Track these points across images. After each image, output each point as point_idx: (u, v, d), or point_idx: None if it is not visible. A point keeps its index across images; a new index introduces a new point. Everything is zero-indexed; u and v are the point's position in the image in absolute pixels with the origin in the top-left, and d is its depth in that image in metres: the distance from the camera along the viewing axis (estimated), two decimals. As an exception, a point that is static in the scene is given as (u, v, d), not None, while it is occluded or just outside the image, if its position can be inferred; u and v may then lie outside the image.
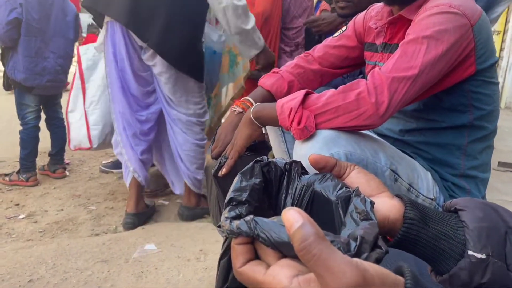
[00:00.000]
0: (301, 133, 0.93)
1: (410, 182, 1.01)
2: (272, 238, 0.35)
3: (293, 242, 0.32)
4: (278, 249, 0.35)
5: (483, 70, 1.00)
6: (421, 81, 0.92)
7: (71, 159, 3.36)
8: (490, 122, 1.08)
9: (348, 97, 0.92)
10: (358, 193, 0.43)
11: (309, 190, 0.48)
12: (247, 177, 0.46)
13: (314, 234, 0.32)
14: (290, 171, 0.49)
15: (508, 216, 0.47)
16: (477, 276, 0.44)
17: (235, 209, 0.43)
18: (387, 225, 0.47)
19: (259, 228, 0.36)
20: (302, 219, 0.32)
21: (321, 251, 0.31)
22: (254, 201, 0.45)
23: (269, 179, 0.49)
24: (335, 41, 1.31)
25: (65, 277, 1.66)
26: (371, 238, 0.36)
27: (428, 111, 1.09)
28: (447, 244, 0.46)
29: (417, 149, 1.14)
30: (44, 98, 2.89)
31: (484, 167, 1.12)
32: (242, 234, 0.37)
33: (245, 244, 0.37)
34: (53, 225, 2.24)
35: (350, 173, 0.51)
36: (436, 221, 0.47)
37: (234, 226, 0.37)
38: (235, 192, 0.44)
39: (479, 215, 0.46)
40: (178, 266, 1.74)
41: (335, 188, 0.46)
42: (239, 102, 1.22)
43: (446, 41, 0.91)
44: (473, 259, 0.44)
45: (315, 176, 0.49)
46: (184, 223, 2.26)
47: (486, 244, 0.44)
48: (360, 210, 0.41)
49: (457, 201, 0.49)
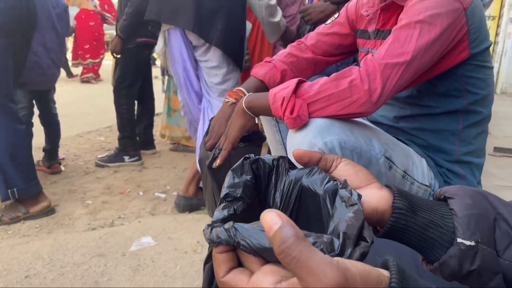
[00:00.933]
0: (294, 122, 0.92)
1: (405, 169, 1.01)
2: (253, 244, 0.34)
3: (273, 245, 0.31)
4: (260, 255, 0.35)
5: (476, 54, 0.99)
6: (414, 67, 0.91)
7: (66, 154, 3.35)
8: (485, 106, 1.07)
9: (341, 85, 0.91)
10: (345, 186, 0.43)
11: (297, 185, 0.48)
12: (238, 174, 0.46)
13: (293, 235, 0.31)
14: (278, 167, 0.49)
15: (498, 202, 0.47)
16: (467, 263, 0.43)
17: (231, 205, 0.43)
18: (376, 216, 0.47)
19: (239, 235, 0.35)
20: (281, 221, 0.31)
21: (301, 252, 0.30)
22: (247, 197, 0.45)
23: (258, 175, 0.48)
24: (328, 28, 1.30)
25: (62, 272, 1.65)
26: (354, 231, 0.36)
27: (422, 97, 1.08)
28: (436, 233, 0.46)
29: (412, 136, 1.13)
30: (36, 93, 2.86)
31: (478, 152, 1.11)
32: (222, 243, 0.36)
33: (227, 252, 0.36)
34: (49, 220, 2.23)
35: (337, 165, 0.50)
36: (425, 210, 0.47)
37: (214, 235, 0.36)
38: (230, 188, 0.45)
39: (468, 202, 0.45)
40: (175, 258, 1.74)
41: (323, 181, 0.46)
42: (232, 93, 1.21)
43: (439, 26, 0.90)
44: (462, 247, 0.43)
45: (302, 170, 0.49)
46: (181, 215, 2.25)
47: (475, 231, 0.43)
48: (346, 198, 0.40)
49: (446, 189, 0.49)
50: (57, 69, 2.90)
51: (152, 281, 1.59)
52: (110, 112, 3.29)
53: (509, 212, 0.46)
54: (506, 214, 0.45)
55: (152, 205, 2.42)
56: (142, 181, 2.81)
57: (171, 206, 2.39)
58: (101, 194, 2.59)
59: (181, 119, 3.31)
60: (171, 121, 3.37)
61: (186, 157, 3.32)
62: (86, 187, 2.71)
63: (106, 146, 3.66)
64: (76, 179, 2.86)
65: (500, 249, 0.44)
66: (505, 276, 0.44)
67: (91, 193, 2.61)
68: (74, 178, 2.87)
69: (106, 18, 7.05)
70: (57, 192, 2.62)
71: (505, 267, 0.43)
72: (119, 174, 2.95)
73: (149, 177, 2.89)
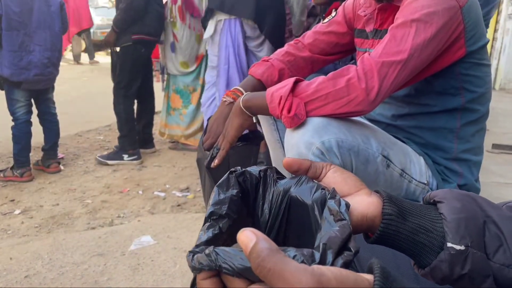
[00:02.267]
0: (292, 121, 0.92)
1: (403, 167, 1.01)
2: (234, 266, 0.34)
3: (250, 261, 0.32)
4: (243, 276, 0.34)
5: (473, 52, 0.99)
6: (411, 65, 0.91)
7: (66, 153, 3.35)
8: (482, 104, 1.07)
9: (338, 84, 0.91)
10: (334, 195, 0.42)
11: (285, 195, 0.47)
12: (224, 189, 0.46)
13: (267, 249, 0.31)
14: (265, 178, 0.49)
15: (486, 205, 0.47)
16: (458, 267, 0.43)
17: (216, 224, 0.43)
18: (365, 222, 0.47)
19: (221, 259, 0.35)
20: (256, 237, 0.32)
21: (275, 264, 0.30)
22: (233, 213, 0.44)
23: (245, 188, 0.48)
24: (325, 27, 1.30)
25: (61, 272, 1.66)
26: (338, 242, 0.36)
27: (419, 96, 1.08)
28: (427, 238, 0.46)
29: (410, 134, 1.13)
30: (34, 92, 2.85)
31: (476, 150, 1.11)
32: (205, 269, 0.36)
33: (210, 278, 0.36)
34: (48, 220, 2.23)
35: (326, 173, 0.50)
36: (415, 215, 0.47)
37: (196, 262, 0.36)
38: (215, 205, 0.44)
39: (456, 206, 0.45)
40: (174, 257, 1.75)
41: (311, 191, 0.46)
42: (230, 92, 1.21)
43: (435, 24, 0.90)
44: (452, 251, 0.43)
45: (291, 180, 0.48)
46: (180, 214, 2.26)
47: (464, 235, 0.44)
48: (334, 211, 0.40)
49: (435, 193, 0.49)
50: (55, 68, 2.90)
51: (151, 280, 1.60)
52: (109, 110, 3.29)
53: (498, 214, 0.46)
54: (495, 216, 0.45)
55: (151, 204, 2.42)
56: (141, 180, 2.81)
57: (170, 205, 2.39)
58: (101, 193, 2.59)
59: (180, 117, 3.31)
60: (170, 119, 3.37)
61: (186, 156, 3.33)
62: (86, 186, 2.72)
63: (105, 145, 3.66)
64: (75, 178, 2.87)
65: (490, 252, 0.44)
66: (495, 279, 0.44)
67: (91, 192, 2.61)
68: (73, 178, 2.88)
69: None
70: (56, 192, 2.63)
71: (495, 270, 0.43)
72: (118, 173, 2.95)
73: (149, 176, 2.90)
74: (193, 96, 3.27)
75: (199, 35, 3.12)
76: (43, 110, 2.98)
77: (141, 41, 3.03)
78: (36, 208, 2.40)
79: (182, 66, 3.20)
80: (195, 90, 3.26)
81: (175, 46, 3.16)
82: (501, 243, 0.44)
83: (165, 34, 3.20)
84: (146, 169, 3.04)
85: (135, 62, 3.10)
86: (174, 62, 3.21)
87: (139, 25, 2.97)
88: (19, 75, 2.67)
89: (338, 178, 0.50)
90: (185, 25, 3.08)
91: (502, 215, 0.46)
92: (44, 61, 2.76)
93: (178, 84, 3.28)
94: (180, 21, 3.08)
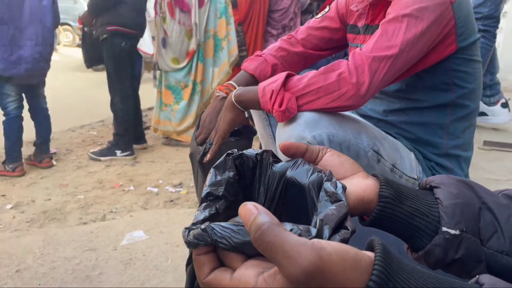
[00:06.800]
0: (283, 115, 0.92)
1: (393, 163, 1.02)
2: (232, 241, 0.34)
3: (250, 234, 0.32)
4: (240, 250, 0.35)
5: (464, 48, 0.99)
6: (402, 60, 0.92)
7: (59, 148, 3.33)
8: (472, 100, 1.08)
9: (329, 78, 0.91)
10: (330, 178, 0.42)
11: (281, 178, 0.47)
12: (221, 171, 0.46)
13: (268, 222, 0.31)
14: (261, 161, 0.49)
15: (483, 192, 0.47)
16: (451, 251, 0.44)
17: (212, 205, 0.43)
18: (361, 205, 0.47)
19: (217, 234, 0.35)
20: (257, 211, 0.32)
21: (275, 237, 0.30)
22: (230, 195, 0.44)
23: (241, 171, 0.48)
24: (318, 22, 1.30)
25: (53, 266, 1.65)
26: (334, 219, 0.36)
27: (410, 91, 1.09)
28: (422, 221, 0.46)
29: (401, 129, 1.14)
30: (25, 87, 2.83)
31: (466, 146, 1.12)
32: (200, 244, 0.36)
33: (207, 253, 0.36)
34: (40, 214, 2.22)
35: (323, 156, 0.50)
36: (411, 199, 0.47)
37: (191, 237, 0.36)
38: (212, 186, 0.44)
39: (453, 191, 0.46)
40: (166, 252, 1.75)
41: (307, 173, 0.46)
42: (222, 87, 1.21)
43: (426, 19, 0.91)
44: (447, 235, 0.44)
45: (287, 163, 0.48)
46: (172, 210, 2.26)
47: (459, 220, 0.44)
48: (331, 193, 0.40)
49: (432, 179, 0.49)
50: (46, 63, 2.87)
51: (143, 274, 1.60)
52: (103, 106, 3.28)
53: (494, 201, 0.46)
54: (491, 203, 0.46)
55: (144, 199, 2.42)
56: (134, 175, 2.80)
57: (163, 200, 2.39)
58: (93, 189, 2.58)
59: (172, 113, 3.30)
60: (162, 115, 3.35)
61: (179, 151, 3.32)
62: (78, 181, 2.70)
63: (98, 140, 3.64)
64: (68, 173, 2.85)
65: (484, 238, 0.44)
66: (488, 265, 0.44)
67: (83, 187, 2.60)
68: (66, 173, 2.86)
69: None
70: (48, 187, 2.61)
71: (488, 256, 0.44)
72: (111, 168, 2.94)
73: (142, 171, 2.89)
74: (184, 92, 3.25)
75: (189, 31, 3.09)
76: (34, 105, 2.95)
77: (118, 33, 2.99)
78: (28, 203, 2.39)
79: (173, 62, 3.18)
80: (187, 86, 3.24)
81: (166, 41, 3.14)
82: (496, 229, 0.44)
83: (156, 29, 3.18)
84: (139, 165, 3.03)
85: (116, 55, 3.05)
86: (165, 58, 3.18)
87: (114, 15, 2.93)
88: (10, 69, 2.64)
89: (335, 161, 0.50)
90: (174, 20, 3.05)
91: (498, 203, 0.46)
92: (36, 56, 2.73)
93: (170, 80, 3.26)
94: (169, 17, 3.05)
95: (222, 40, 3.19)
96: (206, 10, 3.08)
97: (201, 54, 3.18)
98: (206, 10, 3.08)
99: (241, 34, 3.21)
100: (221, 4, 3.11)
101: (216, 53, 3.24)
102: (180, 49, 3.12)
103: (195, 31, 3.07)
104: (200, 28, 3.09)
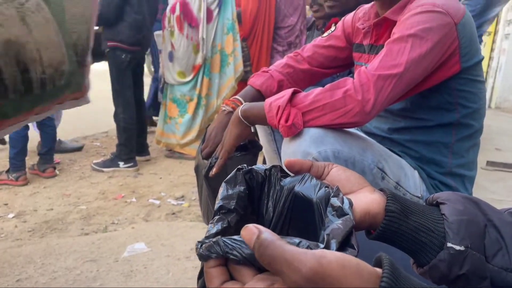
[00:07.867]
0: (289, 131, 0.93)
1: (397, 180, 1.02)
2: (242, 252, 0.35)
3: (255, 252, 0.33)
4: (250, 262, 0.35)
5: (468, 68, 1.01)
6: (407, 79, 0.93)
7: (62, 159, 3.34)
8: (477, 120, 1.09)
9: (335, 95, 0.92)
10: (337, 193, 0.43)
11: (290, 193, 0.48)
12: (232, 185, 0.47)
13: (269, 237, 0.32)
14: (270, 176, 0.49)
15: (488, 209, 0.48)
16: (456, 267, 0.44)
17: (225, 218, 0.43)
18: (368, 219, 0.47)
19: (228, 246, 0.36)
20: (258, 230, 0.33)
21: (276, 249, 0.31)
22: (241, 209, 0.45)
23: (251, 186, 0.49)
24: (324, 41, 1.32)
25: (53, 277, 1.65)
26: (341, 234, 0.36)
27: (415, 110, 1.10)
28: (428, 237, 0.46)
29: (405, 148, 1.15)
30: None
31: (470, 165, 1.13)
32: (212, 256, 0.37)
33: (218, 266, 0.37)
34: (42, 224, 2.22)
35: (329, 172, 0.51)
36: (417, 214, 0.48)
37: (204, 249, 0.37)
38: (224, 200, 0.45)
39: (459, 208, 0.46)
40: (167, 265, 1.74)
41: (315, 188, 0.46)
42: (229, 102, 1.22)
43: (431, 39, 0.92)
44: (452, 251, 0.44)
45: (295, 178, 0.49)
46: (174, 222, 2.25)
47: (464, 236, 0.44)
48: (337, 207, 0.41)
49: (439, 195, 0.50)
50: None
51: (144, 287, 1.59)
52: (107, 116, 3.30)
53: (500, 219, 0.47)
54: (496, 221, 0.46)
55: (146, 211, 2.42)
56: (137, 187, 2.81)
57: (165, 213, 2.39)
58: (95, 199, 2.58)
59: (176, 126, 3.32)
60: (166, 128, 3.37)
61: (182, 164, 3.33)
62: (81, 192, 2.71)
63: (102, 151, 3.65)
64: (71, 183, 2.86)
65: (489, 255, 0.45)
66: (493, 282, 0.45)
67: (85, 198, 2.60)
68: (68, 183, 2.87)
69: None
70: (51, 196, 2.62)
71: (493, 272, 0.44)
72: (114, 179, 2.95)
73: (144, 183, 2.89)
74: (189, 105, 3.28)
75: (195, 45, 3.13)
76: (41, 114, 2.98)
77: (118, 49, 3.05)
78: (30, 212, 2.39)
79: (179, 75, 3.21)
80: (192, 99, 3.27)
81: (173, 55, 3.19)
82: (501, 247, 0.45)
83: (163, 43, 3.23)
84: (142, 177, 3.04)
85: (118, 68, 3.10)
86: (171, 71, 3.22)
87: (114, 32, 3.01)
88: None
89: (342, 176, 0.50)
90: (182, 35, 3.09)
91: (503, 220, 0.47)
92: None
93: (175, 93, 3.30)
94: (177, 31, 3.10)
95: (228, 56, 3.23)
96: (214, 26, 3.12)
97: (208, 68, 3.22)
98: (214, 26, 3.12)
99: (245, 50, 3.25)
100: (228, 20, 3.15)
101: (222, 68, 3.27)
102: (187, 63, 3.16)
103: (202, 46, 3.10)
104: (207, 43, 3.13)
